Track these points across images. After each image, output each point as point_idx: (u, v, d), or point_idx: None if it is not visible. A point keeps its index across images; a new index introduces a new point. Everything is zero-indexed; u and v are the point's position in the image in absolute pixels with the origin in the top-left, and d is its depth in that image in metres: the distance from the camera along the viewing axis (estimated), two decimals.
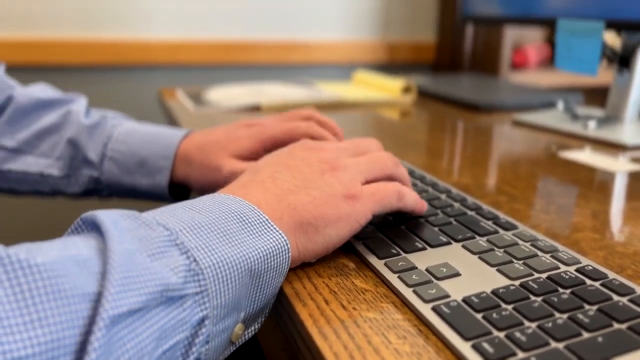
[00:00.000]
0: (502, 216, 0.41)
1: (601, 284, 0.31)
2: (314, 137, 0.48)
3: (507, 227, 0.39)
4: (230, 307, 0.28)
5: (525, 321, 0.28)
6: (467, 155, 0.65)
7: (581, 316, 0.28)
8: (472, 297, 0.30)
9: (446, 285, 0.32)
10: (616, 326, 0.27)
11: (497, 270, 0.33)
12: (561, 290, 0.31)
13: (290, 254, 0.32)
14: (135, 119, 0.64)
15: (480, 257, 0.35)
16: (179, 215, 0.30)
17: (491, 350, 0.25)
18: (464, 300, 0.30)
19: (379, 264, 0.34)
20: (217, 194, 0.34)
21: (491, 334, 0.27)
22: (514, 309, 0.29)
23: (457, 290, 0.31)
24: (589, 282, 0.31)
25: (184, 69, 1.29)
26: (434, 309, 0.29)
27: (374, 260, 0.35)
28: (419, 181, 0.49)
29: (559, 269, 0.33)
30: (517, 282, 0.31)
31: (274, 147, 0.48)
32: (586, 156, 0.65)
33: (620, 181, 0.56)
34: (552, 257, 0.34)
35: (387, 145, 0.68)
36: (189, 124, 0.78)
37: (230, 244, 0.29)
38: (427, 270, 0.33)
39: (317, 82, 1.21)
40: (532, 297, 0.30)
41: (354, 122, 0.83)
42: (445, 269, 0.33)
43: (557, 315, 0.28)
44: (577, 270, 0.33)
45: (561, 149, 0.68)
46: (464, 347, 0.26)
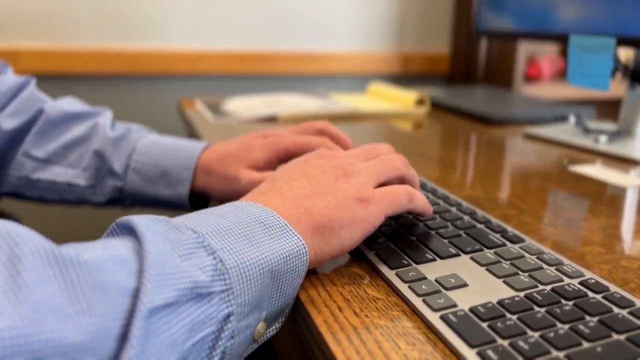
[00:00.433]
0: (510, 229, 0.43)
1: (603, 297, 0.32)
2: None
3: (514, 240, 0.41)
4: (253, 305, 0.31)
5: (528, 330, 0.29)
6: (478, 168, 0.67)
7: (582, 327, 0.29)
8: (479, 307, 0.31)
9: (454, 295, 0.33)
10: (615, 337, 0.29)
11: (503, 281, 0.35)
12: (564, 301, 0.32)
13: (308, 256, 0.34)
14: (154, 126, 0.67)
15: (487, 269, 0.36)
16: (205, 220, 0.32)
17: (495, 357, 0.27)
18: (470, 309, 0.31)
19: (390, 273, 0.36)
20: (239, 201, 0.36)
21: (496, 342, 0.28)
22: (518, 318, 0.30)
23: (464, 300, 0.33)
24: (591, 294, 0.33)
25: (203, 79, 1.32)
26: (442, 318, 0.31)
27: (385, 270, 0.37)
28: (430, 194, 0.51)
29: (563, 281, 0.35)
30: (522, 294, 0.33)
31: (287, 158, 0.50)
32: (597, 170, 0.66)
33: (630, 196, 0.57)
34: (556, 269, 0.36)
35: None
36: (207, 134, 0.81)
37: (252, 246, 0.31)
38: (436, 280, 0.35)
39: (333, 93, 1.23)
40: (536, 308, 0.31)
41: (368, 134, 0.85)
42: (453, 280, 0.35)
43: (559, 325, 0.30)
44: (580, 282, 0.34)
45: (572, 163, 0.69)
46: (470, 354, 0.28)
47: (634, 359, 0.27)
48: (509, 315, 0.31)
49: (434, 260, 0.38)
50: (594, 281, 0.34)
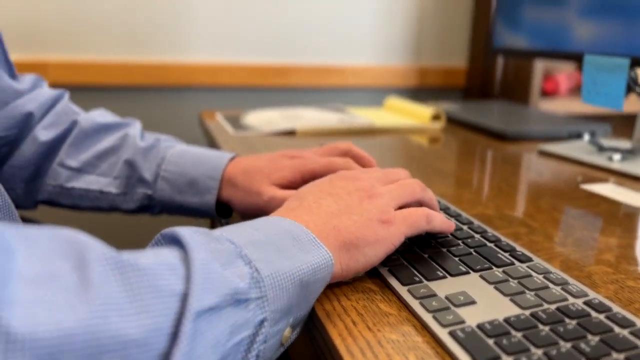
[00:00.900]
0: (519, 248, 0.44)
1: (605, 316, 0.34)
2: None
3: (522, 259, 0.42)
4: (283, 312, 0.33)
5: (532, 347, 0.31)
6: (492, 185, 0.68)
7: (583, 345, 0.31)
8: (486, 324, 0.33)
9: (462, 312, 0.35)
10: (615, 356, 0.30)
11: (510, 299, 0.36)
12: (567, 320, 0.34)
13: (333, 268, 0.37)
14: (176, 136, 0.69)
15: (495, 287, 0.38)
16: (242, 232, 0.35)
17: None
18: (478, 326, 0.33)
19: (402, 289, 0.38)
20: (271, 216, 0.40)
21: (500, 358, 0.30)
22: (523, 336, 0.32)
23: (472, 316, 0.34)
24: (594, 314, 0.34)
25: (223, 91, 1.35)
26: (450, 334, 0.33)
27: (398, 286, 0.39)
28: (443, 212, 0.53)
29: (568, 300, 0.36)
30: (527, 312, 0.35)
31: (311, 178, 0.53)
32: (609, 189, 0.67)
33: None
34: (562, 289, 0.38)
35: (414, 173, 0.71)
36: (227, 146, 0.84)
37: (284, 257, 0.34)
38: (446, 297, 0.37)
39: (350, 107, 1.25)
40: (540, 326, 0.33)
41: (384, 148, 0.87)
42: (462, 297, 0.36)
43: (562, 343, 0.31)
44: (584, 302, 0.36)
45: (585, 181, 0.70)
46: None
47: None
48: (514, 332, 0.32)
49: (444, 277, 0.40)
50: (597, 301, 0.36)
